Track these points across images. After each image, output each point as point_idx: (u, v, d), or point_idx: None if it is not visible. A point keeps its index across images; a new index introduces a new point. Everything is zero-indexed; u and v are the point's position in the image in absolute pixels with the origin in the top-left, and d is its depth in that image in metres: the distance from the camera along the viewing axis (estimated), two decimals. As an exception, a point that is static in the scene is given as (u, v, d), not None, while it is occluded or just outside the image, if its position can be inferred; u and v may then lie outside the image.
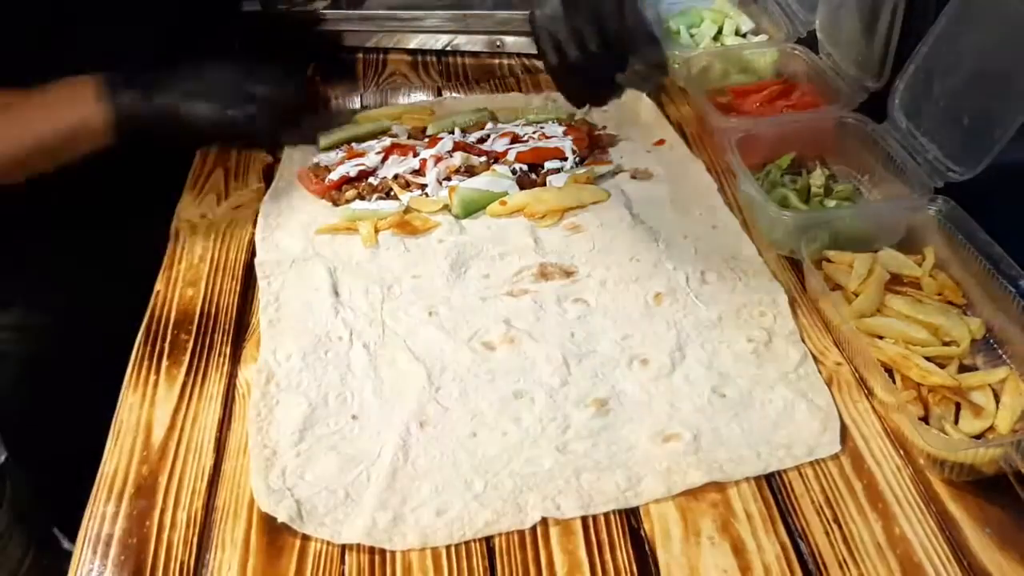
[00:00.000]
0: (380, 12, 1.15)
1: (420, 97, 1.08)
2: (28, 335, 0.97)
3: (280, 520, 0.58)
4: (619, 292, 0.76)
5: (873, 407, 0.65)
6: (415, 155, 0.90)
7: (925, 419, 0.62)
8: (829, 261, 0.75)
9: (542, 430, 0.64)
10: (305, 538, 0.58)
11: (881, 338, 0.67)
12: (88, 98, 0.82)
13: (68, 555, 0.59)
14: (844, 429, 0.63)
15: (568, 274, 0.78)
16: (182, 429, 0.66)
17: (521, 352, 0.70)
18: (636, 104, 0.99)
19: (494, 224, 0.84)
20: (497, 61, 1.14)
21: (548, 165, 0.89)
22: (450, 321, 0.73)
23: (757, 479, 0.60)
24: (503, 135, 0.93)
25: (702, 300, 0.74)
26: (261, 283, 0.78)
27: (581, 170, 0.89)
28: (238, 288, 0.79)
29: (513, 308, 0.75)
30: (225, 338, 0.74)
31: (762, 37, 1.06)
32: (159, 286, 0.80)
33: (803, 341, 0.70)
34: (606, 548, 0.57)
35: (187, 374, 0.71)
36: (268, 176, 0.93)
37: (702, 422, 0.64)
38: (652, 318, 0.73)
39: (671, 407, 0.65)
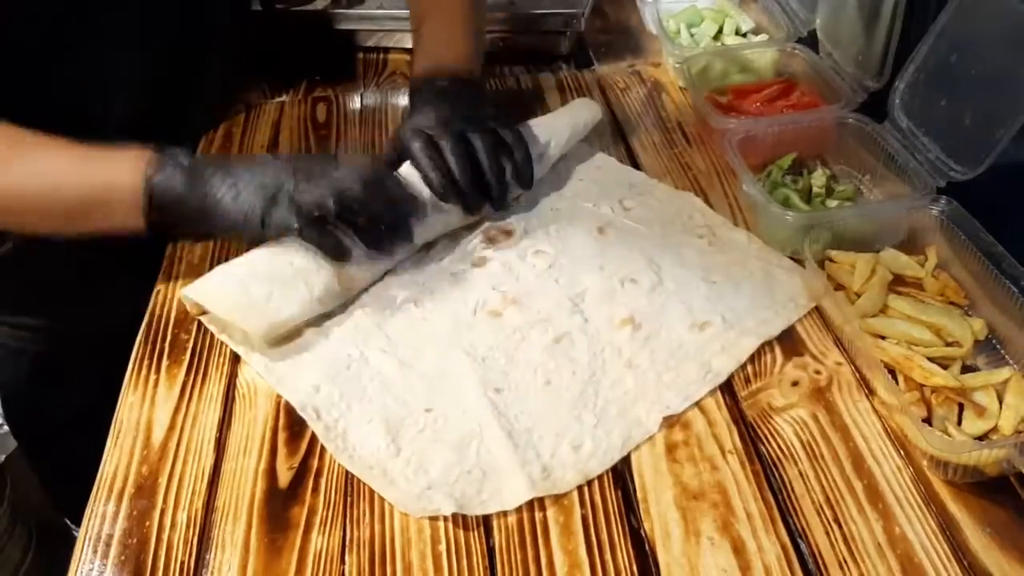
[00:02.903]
0: (380, 11, 1.15)
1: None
2: (40, 335, 0.97)
3: (450, 512, 0.58)
4: (567, 236, 0.80)
5: (873, 407, 0.65)
6: None
7: (928, 420, 0.62)
8: (831, 261, 0.75)
9: (602, 361, 0.68)
10: (305, 538, 0.58)
11: (884, 339, 0.67)
12: (134, 162, 0.72)
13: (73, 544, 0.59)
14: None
15: (508, 233, 0.81)
16: (182, 429, 0.66)
17: (527, 308, 0.73)
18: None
19: None
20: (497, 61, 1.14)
21: None
22: (441, 305, 0.74)
23: (758, 479, 0.60)
24: None
25: (637, 221, 0.81)
26: (221, 336, 0.73)
27: None
28: (238, 288, 0.79)
29: (488, 276, 0.76)
30: (225, 338, 0.74)
31: (762, 37, 1.06)
32: (159, 286, 0.80)
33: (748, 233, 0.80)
34: (606, 548, 0.57)
35: (187, 374, 0.71)
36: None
37: (717, 306, 0.72)
38: (608, 247, 0.78)
39: (684, 305, 0.72)
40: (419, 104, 0.82)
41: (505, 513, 0.59)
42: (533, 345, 0.70)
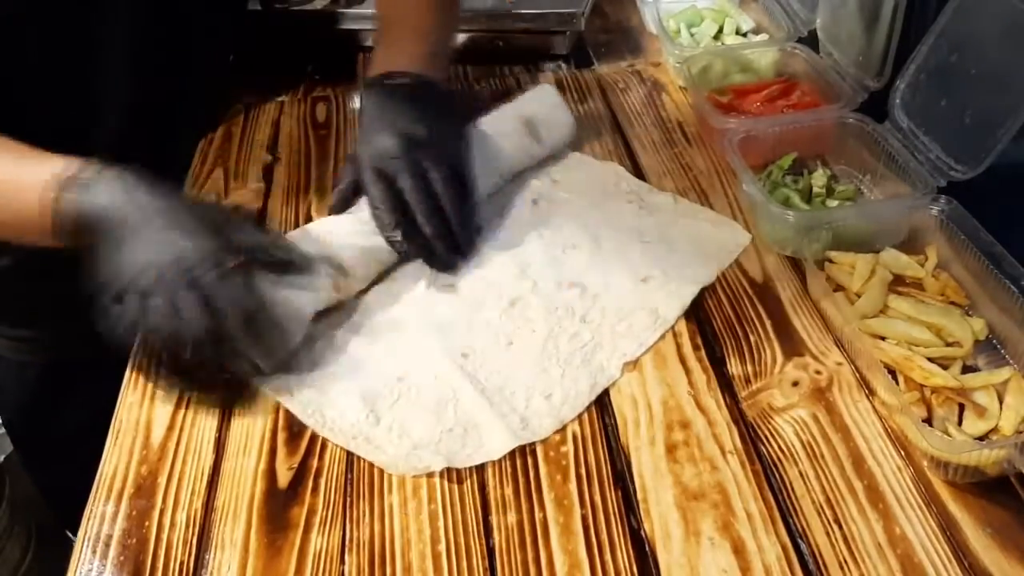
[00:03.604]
0: (380, 11, 1.15)
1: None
2: (39, 346, 0.97)
3: (439, 468, 0.61)
4: (503, 211, 0.83)
5: (874, 407, 0.65)
6: None
7: (928, 420, 0.62)
8: (831, 262, 0.75)
9: (557, 318, 0.72)
10: (304, 538, 0.58)
11: (884, 339, 0.67)
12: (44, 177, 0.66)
13: (72, 544, 0.59)
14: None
15: None
16: (182, 429, 0.66)
17: (478, 279, 0.76)
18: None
19: None
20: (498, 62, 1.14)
21: None
22: (395, 286, 0.76)
23: (758, 479, 0.60)
24: None
25: (567, 191, 0.85)
26: None
27: None
28: (238, 288, 0.79)
29: None
30: (225, 338, 0.74)
31: (763, 36, 1.06)
32: (159, 286, 0.79)
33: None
34: (606, 548, 0.57)
35: (187, 374, 0.71)
36: (268, 176, 0.93)
37: (657, 261, 0.76)
38: (545, 218, 0.82)
39: (625, 263, 0.77)
40: (370, 112, 0.79)
41: (505, 513, 0.59)
42: (490, 311, 0.73)
